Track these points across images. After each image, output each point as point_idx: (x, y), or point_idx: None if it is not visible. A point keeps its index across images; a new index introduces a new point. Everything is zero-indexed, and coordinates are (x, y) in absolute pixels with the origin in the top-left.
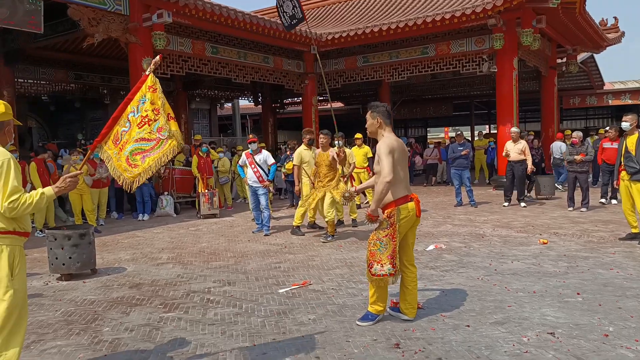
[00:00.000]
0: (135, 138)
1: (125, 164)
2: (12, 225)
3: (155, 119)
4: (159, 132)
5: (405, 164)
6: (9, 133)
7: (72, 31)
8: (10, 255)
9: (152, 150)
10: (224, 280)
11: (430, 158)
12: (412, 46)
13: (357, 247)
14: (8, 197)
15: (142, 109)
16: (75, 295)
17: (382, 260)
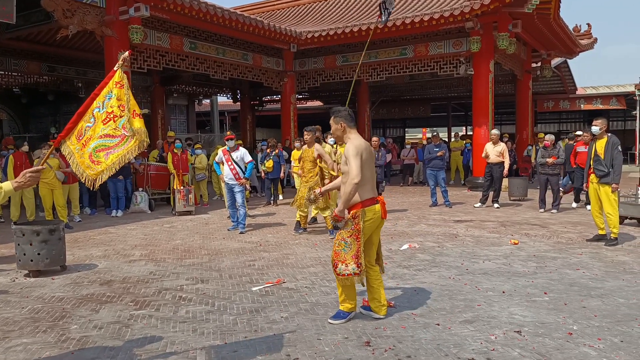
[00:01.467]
0: (100, 134)
1: (89, 161)
2: None
3: (120, 115)
4: (124, 128)
5: (372, 166)
6: None
7: (45, 22)
8: None
9: (117, 147)
10: (197, 277)
11: (407, 158)
12: (391, 47)
13: (332, 245)
14: None
15: (107, 104)
16: (43, 292)
17: (347, 260)
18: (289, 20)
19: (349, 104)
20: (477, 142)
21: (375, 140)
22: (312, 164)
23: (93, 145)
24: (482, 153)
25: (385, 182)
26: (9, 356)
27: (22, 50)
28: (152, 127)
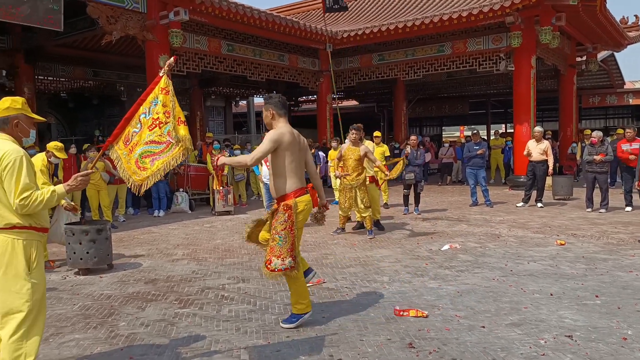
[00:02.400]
0: (146, 140)
1: (135, 167)
2: (29, 221)
3: (166, 122)
4: (169, 135)
5: (301, 157)
6: (22, 129)
7: (90, 29)
8: (26, 250)
9: (162, 153)
10: (238, 277)
11: (445, 157)
12: (428, 44)
13: (371, 246)
14: (19, 194)
15: (153, 110)
16: (92, 290)
17: (283, 254)
18: (324, 20)
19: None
20: (519, 140)
21: (413, 139)
22: (357, 162)
23: (139, 151)
24: (523, 151)
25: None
26: (63, 351)
27: (68, 57)
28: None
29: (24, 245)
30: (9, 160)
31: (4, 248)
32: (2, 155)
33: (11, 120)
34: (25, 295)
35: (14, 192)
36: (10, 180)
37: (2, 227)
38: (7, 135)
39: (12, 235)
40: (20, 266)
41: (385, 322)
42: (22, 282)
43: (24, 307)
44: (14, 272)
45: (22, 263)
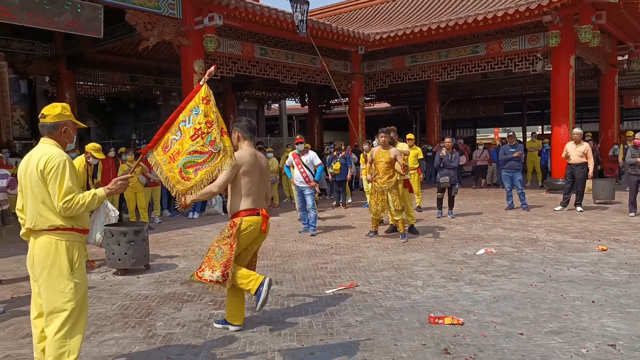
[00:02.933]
0: (189, 150)
1: (179, 176)
2: (71, 222)
3: (208, 132)
4: (211, 145)
5: (259, 179)
6: (68, 134)
7: (128, 35)
8: (69, 251)
9: (205, 163)
10: (271, 279)
11: (480, 159)
12: (461, 45)
13: (404, 249)
14: (63, 197)
15: (194, 120)
16: (130, 290)
17: (215, 267)
18: (355, 22)
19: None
20: (557, 142)
21: (448, 142)
22: (388, 165)
23: (183, 160)
24: (561, 153)
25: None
26: (103, 349)
27: (107, 63)
28: None
29: (67, 246)
30: (53, 165)
31: (48, 249)
32: (47, 160)
33: (61, 127)
34: (69, 294)
35: (57, 195)
36: (55, 183)
37: (46, 228)
38: (52, 141)
39: (56, 236)
40: (63, 266)
41: (420, 326)
42: (66, 281)
43: (67, 306)
44: (58, 272)
45: (65, 263)
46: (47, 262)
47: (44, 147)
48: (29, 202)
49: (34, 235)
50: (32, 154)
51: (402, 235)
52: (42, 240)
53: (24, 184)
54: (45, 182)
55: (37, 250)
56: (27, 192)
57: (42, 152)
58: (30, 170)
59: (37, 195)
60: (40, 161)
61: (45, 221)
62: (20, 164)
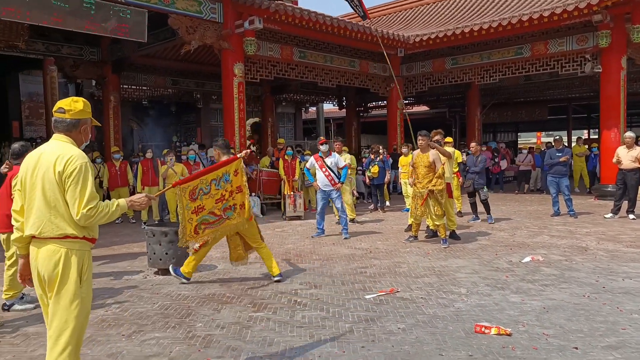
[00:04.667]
0: (210, 210)
1: (193, 230)
2: (83, 232)
3: (226, 199)
4: (224, 211)
5: None
6: (85, 133)
7: (171, 39)
8: (79, 262)
9: (214, 224)
10: (310, 282)
11: (523, 164)
12: (505, 47)
13: (446, 255)
14: (86, 204)
15: (224, 186)
16: (171, 290)
17: None
18: (395, 25)
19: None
20: (606, 146)
21: (473, 146)
22: (427, 169)
23: (203, 217)
24: (612, 158)
25: (499, 188)
26: (144, 349)
27: (150, 66)
28: (262, 135)
29: (77, 256)
30: (74, 167)
31: (57, 259)
32: (68, 161)
33: (81, 125)
34: (74, 311)
35: (78, 202)
36: (75, 188)
37: (55, 236)
38: (69, 139)
39: (65, 245)
40: (72, 279)
41: (465, 336)
42: (72, 296)
43: (70, 324)
44: (66, 286)
45: (74, 275)
46: (56, 274)
47: (61, 146)
48: (37, 205)
49: (37, 243)
50: (43, 151)
51: (444, 240)
52: (49, 249)
53: (29, 184)
54: (63, 186)
55: (43, 260)
56: (33, 194)
57: (59, 151)
58: (42, 170)
59: (50, 199)
60: (59, 161)
61: (55, 229)
62: (25, 161)
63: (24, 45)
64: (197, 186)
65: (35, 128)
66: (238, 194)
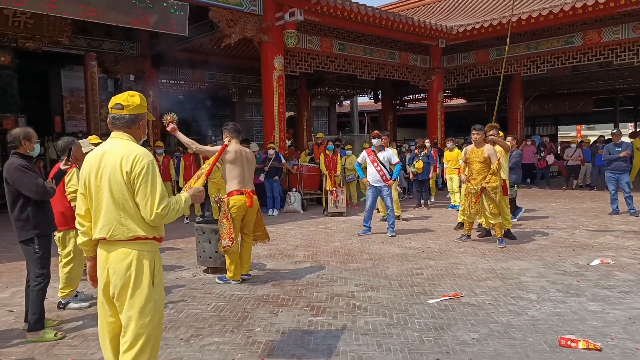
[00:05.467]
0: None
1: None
2: (153, 232)
3: None
4: None
5: (244, 167)
6: (143, 128)
7: (209, 33)
8: (151, 264)
9: None
10: (366, 284)
11: (572, 159)
12: (554, 36)
13: (504, 256)
14: (159, 203)
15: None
16: (223, 290)
17: (223, 236)
18: (435, 15)
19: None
20: None
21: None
22: (482, 165)
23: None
24: None
25: (545, 184)
26: (205, 355)
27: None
28: (297, 129)
29: (149, 257)
30: (142, 166)
31: (129, 262)
32: (135, 160)
33: (139, 120)
34: (148, 314)
35: (151, 202)
36: (146, 188)
37: (126, 238)
38: (129, 136)
39: (137, 247)
40: (145, 281)
41: (550, 350)
42: (146, 300)
43: (146, 329)
44: (139, 289)
45: (147, 277)
46: (129, 277)
47: (123, 144)
48: (105, 208)
49: (106, 246)
50: (105, 150)
51: (500, 240)
52: (120, 253)
53: (94, 186)
54: (132, 187)
55: (115, 264)
56: (100, 196)
57: (123, 151)
58: (107, 171)
59: (119, 201)
60: (125, 161)
61: (126, 231)
62: (86, 162)
63: (67, 41)
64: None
65: (75, 123)
66: None
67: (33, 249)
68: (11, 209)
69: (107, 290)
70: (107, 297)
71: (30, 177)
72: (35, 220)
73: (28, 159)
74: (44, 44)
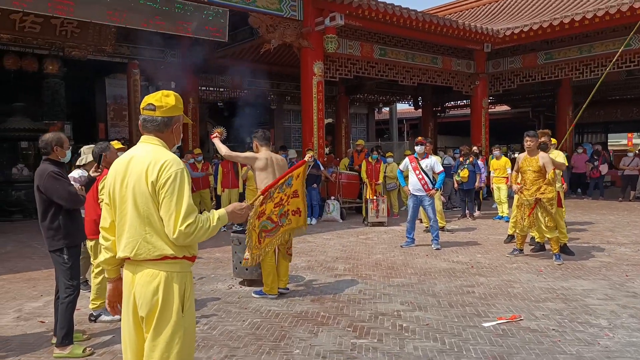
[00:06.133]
0: (269, 215)
1: (256, 240)
2: (183, 251)
3: (283, 204)
4: (280, 217)
5: (275, 175)
6: (177, 132)
7: (249, 40)
8: (181, 287)
9: (271, 232)
10: (412, 302)
11: (629, 168)
12: (609, 38)
13: (563, 274)
14: (184, 220)
15: (285, 189)
16: (259, 305)
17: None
18: (479, 19)
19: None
20: None
21: None
22: (537, 174)
23: (263, 223)
24: None
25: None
26: None
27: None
28: (335, 136)
29: (178, 279)
30: (169, 174)
31: (156, 286)
32: (162, 168)
33: (173, 123)
34: (177, 344)
35: (174, 217)
36: (171, 200)
37: (152, 258)
38: (160, 140)
39: (164, 268)
40: (174, 307)
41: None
42: (175, 327)
43: None
44: (167, 315)
45: (176, 303)
46: (156, 303)
47: (152, 150)
48: (129, 222)
49: (132, 266)
50: (132, 156)
51: (556, 256)
52: (146, 274)
53: (119, 196)
54: (157, 198)
55: (141, 288)
56: (124, 208)
57: (150, 157)
58: (132, 179)
59: (143, 214)
60: (151, 169)
61: (152, 249)
62: (112, 168)
63: (111, 49)
64: (270, 192)
65: (119, 129)
66: (294, 199)
67: (62, 259)
68: (42, 218)
69: (135, 312)
70: (135, 318)
71: (63, 184)
72: (65, 229)
73: (60, 166)
74: (89, 52)
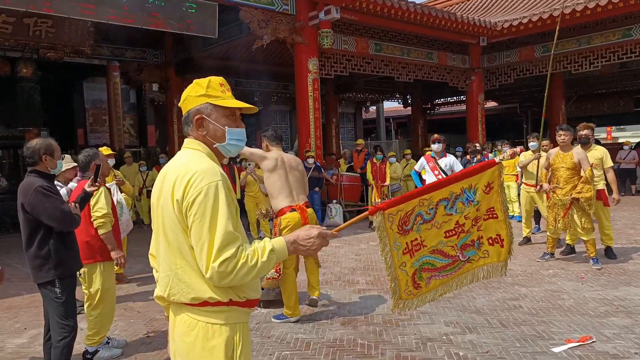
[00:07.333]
0: (435, 247)
1: (410, 282)
2: (229, 294)
3: (468, 232)
4: (462, 249)
5: (288, 177)
6: (206, 126)
7: (236, 37)
8: (227, 343)
9: (444, 270)
10: (458, 322)
11: (625, 162)
12: (609, 29)
13: (609, 280)
14: (219, 253)
15: (461, 208)
16: (283, 332)
17: None
18: (471, 12)
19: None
20: None
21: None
22: (571, 172)
23: (422, 259)
24: None
25: None
26: None
27: (213, 67)
28: (326, 136)
29: (224, 334)
30: (198, 191)
31: (193, 339)
32: (189, 181)
33: (193, 116)
34: None
35: (207, 249)
36: (201, 226)
37: (187, 302)
38: (199, 144)
39: (205, 316)
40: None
41: None
42: None
43: None
44: None
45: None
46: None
47: (186, 157)
48: (162, 253)
49: (174, 308)
50: (169, 168)
51: (594, 260)
52: (184, 322)
53: (154, 216)
54: (185, 222)
55: (179, 339)
56: (158, 234)
57: (180, 168)
58: (163, 198)
59: (172, 242)
60: (177, 185)
61: (185, 290)
62: (156, 181)
63: (89, 50)
64: (414, 210)
65: (98, 135)
66: (489, 221)
67: (54, 293)
68: (27, 244)
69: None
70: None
71: (54, 202)
72: (57, 257)
73: (49, 179)
74: (65, 53)
